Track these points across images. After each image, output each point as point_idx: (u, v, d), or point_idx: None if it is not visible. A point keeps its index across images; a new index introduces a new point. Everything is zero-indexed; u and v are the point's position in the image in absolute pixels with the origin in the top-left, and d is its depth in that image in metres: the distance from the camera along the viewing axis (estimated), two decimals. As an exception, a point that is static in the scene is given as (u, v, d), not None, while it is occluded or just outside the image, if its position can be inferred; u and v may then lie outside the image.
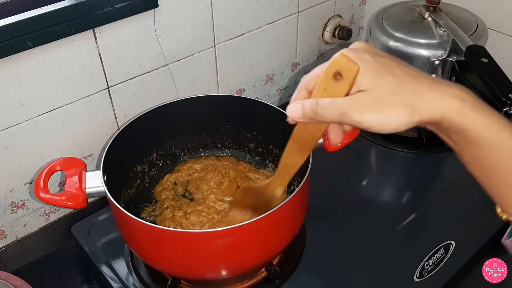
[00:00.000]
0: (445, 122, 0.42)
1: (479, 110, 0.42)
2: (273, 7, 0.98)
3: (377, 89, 0.41)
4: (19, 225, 0.84)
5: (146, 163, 0.85)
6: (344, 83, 0.42)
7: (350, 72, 0.41)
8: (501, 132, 0.42)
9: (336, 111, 0.42)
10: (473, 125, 0.42)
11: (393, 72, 0.42)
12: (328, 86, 0.42)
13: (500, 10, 0.97)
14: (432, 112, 0.42)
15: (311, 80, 0.44)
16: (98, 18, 0.73)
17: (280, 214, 0.62)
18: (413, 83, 0.42)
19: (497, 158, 0.43)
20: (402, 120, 0.42)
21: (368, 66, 0.41)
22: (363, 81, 0.41)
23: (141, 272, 0.76)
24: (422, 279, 0.74)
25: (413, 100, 0.41)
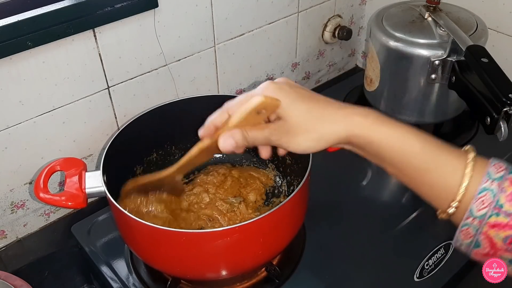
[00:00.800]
0: (352, 138, 0.49)
1: (380, 122, 0.49)
2: (273, 7, 0.98)
3: (291, 116, 0.49)
4: (19, 225, 0.84)
5: (146, 163, 0.85)
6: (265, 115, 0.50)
7: (273, 107, 0.49)
8: (403, 137, 0.49)
9: (262, 138, 0.50)
10: (376, 136, 0.48)
11: (304, 99, 0.49)
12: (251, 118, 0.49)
13: (500, 10, 0.97)
14: (337, 132, 0.49)
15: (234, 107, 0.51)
16: (98, 18, 0.73)
17: (280, 214, 0.62)
18: (321, 108, 0.49)
19: (408, 162, 0.49)
20: (311, 143, 0.49)
21: (284, 95, 0.49)
22: (281, 110, 0.49)
23: (141, 272, 0.76)
24: (422, 279, 0.75)
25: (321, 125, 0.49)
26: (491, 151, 0.95)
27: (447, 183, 0.48)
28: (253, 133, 0.50)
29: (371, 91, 1.01)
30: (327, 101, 0.51)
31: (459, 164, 0.47)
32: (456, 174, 0.47)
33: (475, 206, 0.46)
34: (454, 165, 0.48)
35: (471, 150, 0.49)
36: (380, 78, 0.96)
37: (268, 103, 0.48)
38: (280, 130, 0.50)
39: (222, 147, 0.50)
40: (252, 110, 0.48)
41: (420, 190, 0.51)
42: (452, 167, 0.48)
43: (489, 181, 0.46)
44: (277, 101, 0.48)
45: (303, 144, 0.49)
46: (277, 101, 0.48)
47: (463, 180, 0.46)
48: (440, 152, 0.49)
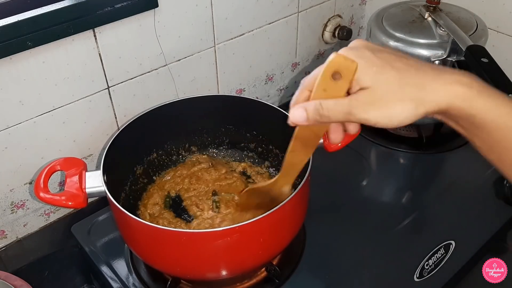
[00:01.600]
0: (452, 110, 0.42)
1: (486, 94, 0.42)
2: (273, 7, 0.98)
3: (380, 85, 0.41)
4: (19, 225, 0.84)
5: (146, 163, 0.85)
6: (344, 82, 0.42)
7: (349, 70, 0.41)
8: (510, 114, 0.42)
9: (341, 112, 0.42)
10: (480, 110, 0.42)
11: (394, 66, 0.42)
12: (327, 87, 0.42)
13: (500, 10, 0.97)
14: (438, 102, 0.41)
15: (311, 81, 0.44)
16: (98, 18, 0.73)
17: (280, 214, 0.62)
18: (415, 75, 0.42)
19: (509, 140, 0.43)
20: (407, 113, 0.42)
21: (368, 63, 0.41)
22: (364, 78, 0.41)
23: (141, 272, 0.76)
24: (422, 279, 0.74)
25: (417, 93, 0.41)
26: (491, 151, 0.96)
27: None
28: (330, 103, 0.42)
29: (371, 91, 1.01)
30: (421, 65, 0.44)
31: None
32: None
33: None
34: None
35: None
36: (380, 78, 0.96)
37: (342, 63, 0.41)
38: (365, 101, 0.41)
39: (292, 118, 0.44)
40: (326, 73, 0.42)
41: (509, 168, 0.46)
42: None
43: None
44: (353, 62, 0.41)
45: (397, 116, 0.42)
46: (352, 62, 0.41)
47: None
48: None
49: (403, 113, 0.42)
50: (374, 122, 0.42)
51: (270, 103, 0.81)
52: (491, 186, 0.88)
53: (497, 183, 0.90)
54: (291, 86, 1.16)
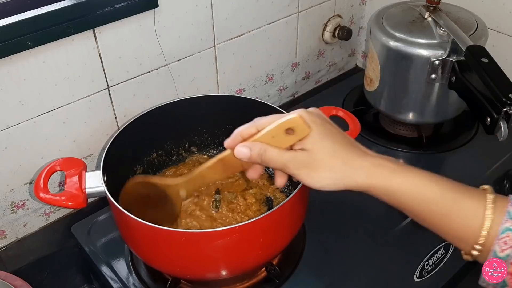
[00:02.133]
0: (371, 189, 0.50)
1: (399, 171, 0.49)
2: (273, 7, 0.98)
3: (316, 151, 0.49)
4: (19, 225, 0.84)
5: (146, 163, 0.85)
6: (294, 138, 0.48)
7: (303, 132, 0.48)
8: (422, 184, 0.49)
9: (279, 162, 0.49)
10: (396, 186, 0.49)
11: (333, 138, 0.50)
12: (277, 135, 0.48)
13: (500, 10, 0.97)
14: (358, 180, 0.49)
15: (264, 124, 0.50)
16: (98, 18, 0.74)
17: (280, 214, 0.62)
18: (347, 152, 0.50)
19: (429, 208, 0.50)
20: (328, 182, 0.49)
21: (315, 127, 0.49)
22: (307, 142, 0.49)
23: (141, 272, 0.76)
24: (422, 279, 0.75)
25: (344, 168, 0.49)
26: (491, 151, 0.96)
27: (469, 226, 0.48)
28: (272, 151, 0.49)
29: (371, 91, 1.01)
30: (352, 145, 0.51)
31: (479, 206, 0.48)
32: (477, 216, 0.47)
33: (498, 247, 0.46)
34: (474, 208, 0.48)
35: (490, 190, 0.49)
36: (380, 78, 0.96)
37: (301, 124, 0.47)
38: (301, 160, 0.49)
39: (236, 153, 0.50)
40: (283, 126, 0.47)
41: (442, 233, 0.51)
42: (473, 210, 0.48)
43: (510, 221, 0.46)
44: (309, 128, 0.48)
45: (322, 181, 0.49)
46: (309, 127, 0.48)
47: (484, 222, 0.47)
48: (459, 196, 0.49)
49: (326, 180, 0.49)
50: (301, 179, 0.50)
51: (270, 103, 0.81)
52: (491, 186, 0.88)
53: (497, 183, 0.90)
54: (291, 86, 1.16)
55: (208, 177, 0.58)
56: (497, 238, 0.46)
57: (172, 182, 0.63)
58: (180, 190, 0.63)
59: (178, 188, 0.63)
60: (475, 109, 0.80)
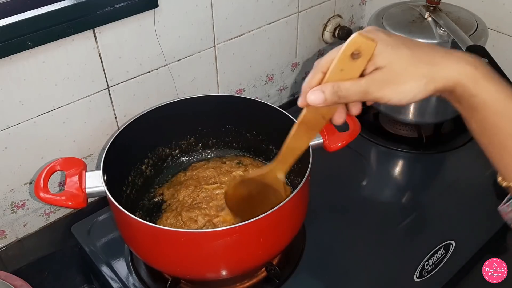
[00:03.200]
0: (458, 88, 0.44)
1: (490, 77, 0.44)
2: (273, 7, 0.98)
3: (394, 64, 0.44)
4: (19, 225, 0.84)
5: (146, 163, 0.85)
6: (362, 61, 0.44)
7: (369, 49, 0.43)
8: (508, 100, 0.44)
9: (359, 92, 0.44)
10: (483, 91, 0.44)
11: (407, 45, 0.45)
12: (345, 66, 0.44)
13: (500, 10, 0.97)
14: (446, 79, 0.44)
15: (326, 64, 0.45)
16: (98, 18, 0.73)
17: (280, 214, 0.62)
18: (427, 53, 0.45)
19: (504, 126, 0.45)
20: (418, 89, 0.44)
21: (383, 43, 0.44)
22: (379, 58, 0.44)
23: (141, 272, 0.76)
24: (422, 279, 0.74)
25: (428, 70, 0.44)
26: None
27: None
28: (347, 84, 0.44)
29: (371, 91, 1.01)
30: (430, 46, 0.46)
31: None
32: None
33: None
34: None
35: None
36: (380, 78, 0.96)
37: (363, 42, 0.43)
38: (380, 80, 0.44)
39: (310, 100, 0.45)
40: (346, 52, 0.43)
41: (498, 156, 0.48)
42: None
43: None
44: (373, 41, 0.43)
45: (410, 92, 0.45)
46: (373, 41, 0.43)
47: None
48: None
49: (414, 90, 0.44)
50: (387, 99, 0.45)
51: (270, 103, 0.81)
52: (491, 186, 0.88)
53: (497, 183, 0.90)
54: (291, 86, 1.16)
55: (296, 147, 0.54)
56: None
57: (265, 170, 0.60)
58: (277, 174, 0.60)
59: (274, 173, 0.60)
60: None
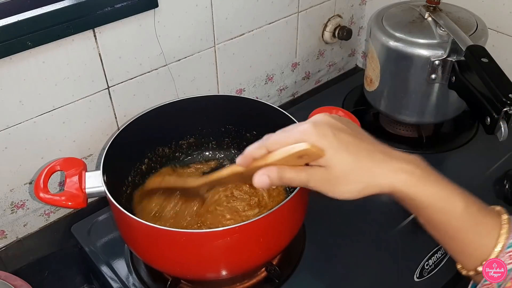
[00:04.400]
0: (395, 193, 0.49)
1: (427, 180, 0.49)
2: (273, 7, 0.98)
3: (334, 167, 0.47)
4: (19, 225, 0.84)
5: (146, 163, 0.85)
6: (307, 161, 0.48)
7: (316, 156, 0.47)
8: (447, 198, 0.48)
9: (299, 181, 0.49)
10: (421, 194, 0.48)
11: (350, 149, 0.47)
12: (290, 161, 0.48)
13: (500, 10, 0.97)
14: (382, 187, 0.48)
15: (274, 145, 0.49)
16: (98, 18, 0.74)
17: (280, 214, 0.62)
18: (366, 160, 0.48)
19: (450, 222, 0.49)
20: (355, 192, 0.49)
21: (327, 144, 0.46)
22: (322, 159, 0.47)
23: (141, 272, 0.76)
24: (422, 279, 0.75)
25: (365, 177, 0.48)
26: (491, 151, 0.96)
27: (482, 242, 0.49)
28: (291, 174, 0.48)
29: (371, 91, 1.01)
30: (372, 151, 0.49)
31: (495, 224, 0.49)
32: (492, 235, 0.48)
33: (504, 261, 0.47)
34: (491, 226, 0.49)
35: (503, 211, 0.51)
36: (380, 78, 0.96)
37: (312, 152, 0.46)
38: (320, 177, 0.48)
39: (256, 183, 0.49)
40: (294, 154, 0.47)
41: (452, 247, 0.52)
42: (489, 228, 0.49)
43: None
44: (321, 152, 0.46)
45: (345, 194, 0.49)
46: (321, 151, 0.46)
47: (498, 240, 0.48)
48: (479, 213, 0.49)
49: (351, 192, 0.49)
50: (325, 193, 0.49)
51: (270, 103, 0.81)
52: (491, 186, 0.88)
53: (497, 183, 0.90)
54: (291, 86, 1.16)
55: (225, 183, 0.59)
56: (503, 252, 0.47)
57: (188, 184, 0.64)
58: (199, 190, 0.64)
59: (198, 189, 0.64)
60: (475, 109, 0.80)
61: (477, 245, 0.49)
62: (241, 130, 0.89)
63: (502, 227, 0.48)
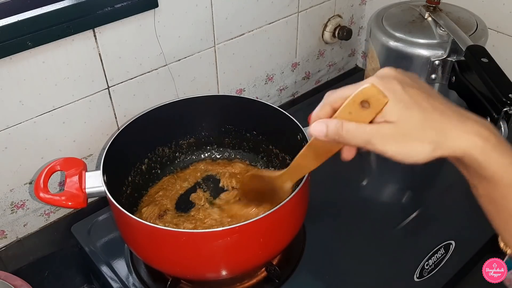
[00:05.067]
0: (466, 159, 0.43)
1: (501, 150, 0.43)
2: (273, 7, 0.98)
3: (403, 122, 0.42)
4: (19, 225, 0.84)
5: (146, 163, 0.85)
6: (371, 112, 0.43)
7: (379, 103, 0.42)
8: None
9: (361, 137, 0.43)
10: (493, 164, 0.43)
11: (420, 105, 0.43)
12: (353, 111, 0.43)
13: (500, 10, 0.97)
14: (454, 149, 0.43)
15: (337, 99, 0.45)
16: (98, 18, 0.73)
17: (280, 214, 0.62)
18: (439, 119, 0.43)
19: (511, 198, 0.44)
20: (424, 154, 0.43)
21: (396, 98, 0.42)
22: (390, 112, 0.42)
23: (141, 272, 0.76)
24: (422, 279, 0.75)
25: (437, 137, 0.42)
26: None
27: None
28: (350, 125, 0.43)
29: (371, 91, 1.01)
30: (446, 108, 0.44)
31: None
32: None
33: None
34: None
35: None
36: (380, 78, 0.96)
37: (375, 94, 0.42)
38: (386, 134, 0.43)
39: (311, 131, 0.45)
40: (356, 99, 0.42)
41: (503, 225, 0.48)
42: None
43: None
44: (384, 97, 0.42)
45: (414, 155, 0.43)
46: (384, 97, 0.42)
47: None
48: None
49: (420, 153, 0.43)
50: (390, 155, 0.43)
51: (270, 103, 0.81)
52: None
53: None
54: (291, 86, 1.16)
55: (304, 166, 0.55)
56: None
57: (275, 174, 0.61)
58: (284, 183, 0.61)
59: (282, 181, 0.61)
60: (475, 109, 0.80)
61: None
62: (241, 130, 0.89)
63: None
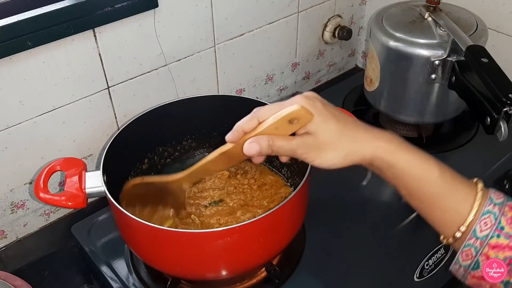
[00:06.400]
0: (375, 161, 0.52)
1: (403, 148, 0.52)
2: (273, 7, 0.98)
3: (321, 133, 0.50)
4: (19, 225, 0.84)
5: (146, 163, 0.85)
6: (296, 127, 0.50)
7: (306, 119, 0.49)
8: (423, 164, 0.52)
9: (289, 149, 0.51)
10: (399, 160, 0.51)
11: (337, 118, 0.51)
12: (280, 126, 0.50)
13: (500, 10, 0.97)
14: (363, 154, 0.51)
15: (264, 114, 0.51)
16: (98, 18, 0.74)
17: (280, 214, 0.62)
18: (351, 129, 0.52)
19: (427, 189, 0.52)
20: (338, 160, 0.51)
21: (317, 112, 0.50)
22: (311, 125, 0.50)
23: (141, 272, 0.76)
24: (422, 279, 0.75)
25: (349, 145, 0.51)
26: (491, 151, 0.96)
27: (458, 208, 0.51)
28: (280, 142, 0.51)
29: (371, 91, 1.01)
30: (355, 123, 0.53)
31: (470, 191, 0.52)
32: (467, 201, 0.51)
33: (478, 227, 0.50)
34: (466, 192, 0.52)
35: (479, 181, 0.53)
36: (380, 78, 0.96)
37: (303, 114, 0.49)
38: (308, 145, 0.51)
39: (246, 151, 0.51)
40: (286, 118, 0.49)
41: (431, 215, 0.54)
42: (464, 194, 0.52)
43: (491, 204, 0.50)
44: (311, 115, 0.49)
45: (330, 160, 0.51)
46: (311, 115, 0.49)
47: (473, 206, 0.50)
48: (454, 180, 0.53)
49: (334, 159, 0.51)
50: (311, 161, 0.52)
51: (270, 103, 0.81)
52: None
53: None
54: (291, 86, 1.16)
55: (211, 169, 0.59)
56: (479, 219, 0.50)
57: (172, 178, 0.64)
58: (182, 184, 0.64)
59: (180, 183, 0.64)
60: (475, 109, 0.80)
61: (453, 211, 0.52)
62: (241, 130, 0.88)
63: (477, 194, 0.51)
